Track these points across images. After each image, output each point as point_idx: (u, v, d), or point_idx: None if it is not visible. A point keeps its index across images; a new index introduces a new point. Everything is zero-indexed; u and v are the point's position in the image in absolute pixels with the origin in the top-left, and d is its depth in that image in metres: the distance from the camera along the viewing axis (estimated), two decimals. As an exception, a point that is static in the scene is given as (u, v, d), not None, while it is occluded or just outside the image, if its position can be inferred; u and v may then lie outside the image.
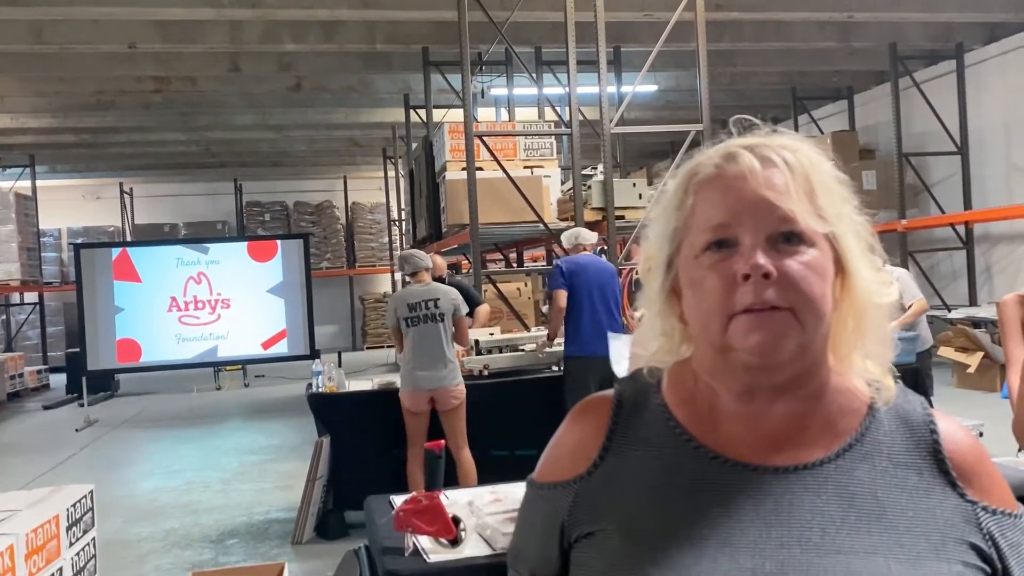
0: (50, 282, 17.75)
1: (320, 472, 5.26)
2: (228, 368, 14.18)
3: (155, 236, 18.42)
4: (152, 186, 19.88)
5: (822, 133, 13.46)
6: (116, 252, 13.80)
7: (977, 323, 9.61)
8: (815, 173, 0.90)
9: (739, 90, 13.57)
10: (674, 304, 0.95)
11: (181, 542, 5.40)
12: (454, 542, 2.10)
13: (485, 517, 2.19)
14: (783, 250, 0.86)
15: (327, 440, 5.33)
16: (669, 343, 0.97)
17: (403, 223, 14.84)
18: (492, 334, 6.56)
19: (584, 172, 8.41)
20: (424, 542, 2.12)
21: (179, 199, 20.02)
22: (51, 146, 15.52)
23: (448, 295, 5.23)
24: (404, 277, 5.56)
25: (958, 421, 0.96)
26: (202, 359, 13.83)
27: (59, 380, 14.55)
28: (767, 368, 0.87)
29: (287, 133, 15.46)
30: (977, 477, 0.92)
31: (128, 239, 18.46)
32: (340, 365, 6.55)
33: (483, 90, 10.91)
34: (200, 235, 18.17)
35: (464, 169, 7.62)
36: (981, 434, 3.51)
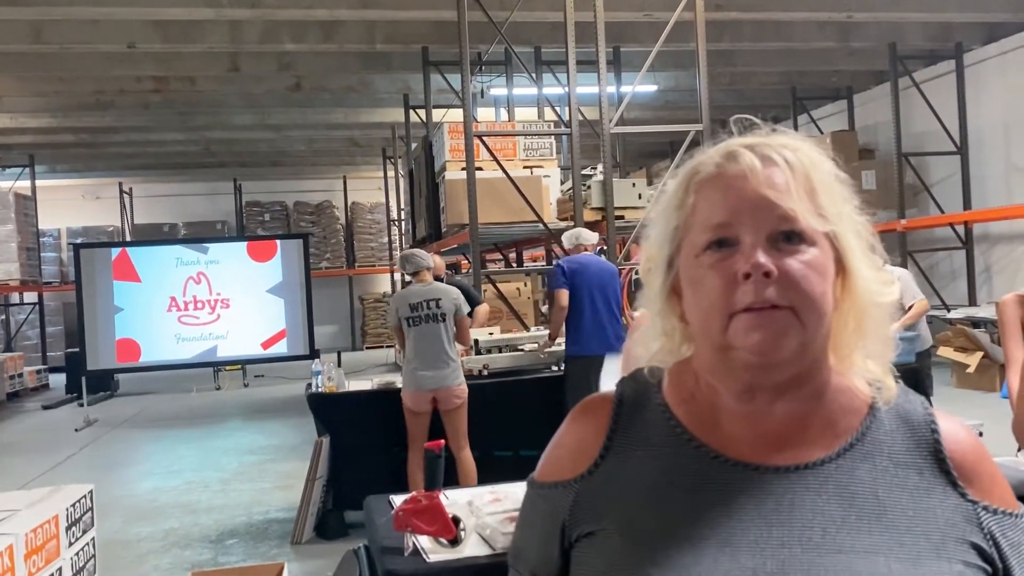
0: (49, 282, 17.74)
1: (320, 472, 5.26)
2: (227, 368, 14.18)
3: (154, 236, 18.41)
4: (151, 186, 19.88)
5: (821, 133, 13.46)
6: (115, 252, 13.79)
7: (976, 323, 9.61)
8: (816, 172, 0.90)
9: (739, 90, 13.57)
10: (675, 303, 0.95)
11: (180, 542, 5.39)
12: (454, 542, 2.10)
13: (485, 517, 2.19)
14: (784, 249, 0.86)
15: (327, 440, 5.33)
16: (670, 343, 0.97)
17: (403, 223, 14.83)
18: (492, 334, 6.56)
19: (584, 172, 8.41)
20: (424, 542, 2.12)
21: (178, 199, 20.01)
22: (50, 146, 15.51)
23: (449, 295, 5.22)
24: (404, 276, 5.56)
25: (959, 420, 0.96)
26: (202, 359, 13.83)
27: (58, 380, 14.54)
28: (768, 367, 0.87)
29: (286, 133, 15.46)
30: (978, 477, 0.92)
31: (127, 239, 18.45)
32: (340, 365, 6.54)
33: (483, 90, 10.91)
34: (199, 235, 18.17)
35: (464, 169, 7.62)
36: (981, 434, 3.51)
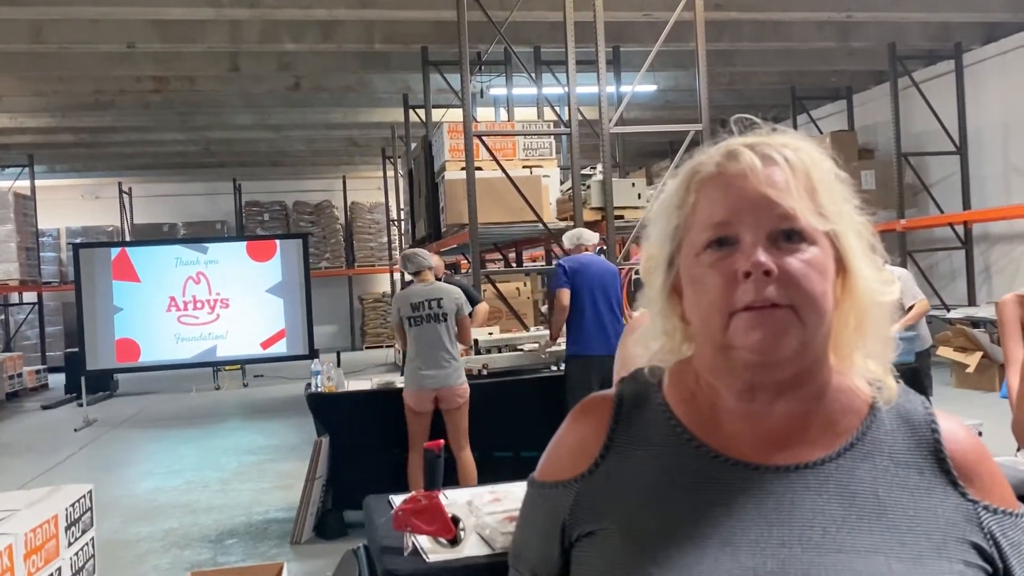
0: (49, 282, 17.73)
1: (319, 472, 5.26)
2: (227, 368, 14.17)
3: (154, 236, 18.40)
4: (151, 186, 19.87)
5: (821, 133, 13.45)
6: (115, 252, 13.78)
7: (976, 323, 9.60)
8: (816, 171, 0.90)
9: (738, 90, 13.57)
10: (675, 303, 0.95)
11: (180, 542, 5.39)
12: (453, 542, 2.09)
13: (484, 517, 2.19)
14: (784, 248, 0.86)
15: (326, 440, 5.32)
16: (670, 342, 0.97)
17: (402, 223, 14.83)
18: (491, 334, 6.56)
19: (583, 172, 8.41)
20: (423, 542, 2.12)
21: (178, 199, 20.00)
22: (50, 146, 15.50)
23: (451, 295, 5.22)
24: (404, 276, 5.56)
25: (960, 420, 0.96)
26: (201, 359, 13.81)
27: (58, 380, 14.53)
28: (768, 366, 0.87)
29: (286, 133, 15.45)
30: (978, 476, 0.92)
31: (127, 239, 18.44)
32: (339, 365, 6.54)
33: (482, 90, 10.90)
34: (199, 235, 18.15)
35: (463, 169, 7.61)
36: (980, 433, 3.51)
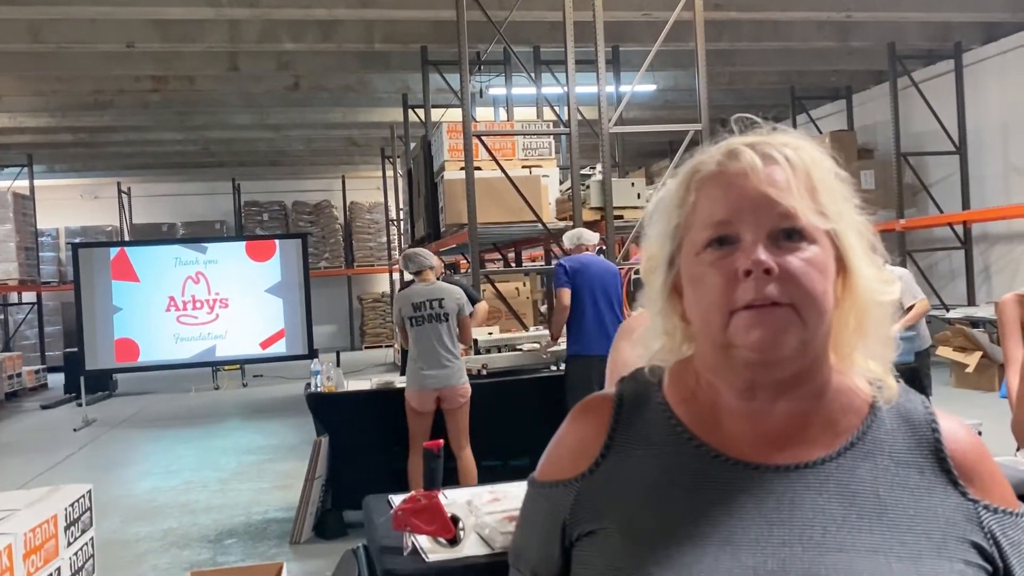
0: (48, 282, 17.72)
1: (319, 472, 5.26)
2: (226, 368, 14.16)
3: (153, 236, 18.39)
4: (150, 185, 19.86)
5: (820, 133, 13.45)
6: (114, 252, 13.78)
7: (975, 323, 9.60)
8: (816, 171, 0.90)
9: (738, 90, 13.56)
10: (675, 302, 0.95)
11: (179, 542, 5.39)
12: (453, 541, 2.09)
13: (484, 516, 2.19)
14: (784, 246, 0.86)
15: (326, 440, 5.32)
16: (671, 342, 0.97)
17: (401, 223, 14.83)
18: (491, 333, 6.56)
19: (583, 172, 8.40)
20: (423, 541, 2.12)
21: (177, 199, 19.99)
22: (49, 145, 15.49)
23: (453, 294, 5.22)
24: (403, 276, 5.56)
25: (960, 419, 0.96)
26: (200, 359, 13.82)
27: (57, 380, 14.52)
28: (768, 364, 0.87)
29: (285, 133, 15.45)
30: (979, 476, 0.92)
31: (126, 239, 18.42)
32: (339, 365, 6.54)
33: (481, 90, 10.90)
34: (198, 235, 18.15)
35: (462, 169, 7.61)
36: (980, 433, 3.51)
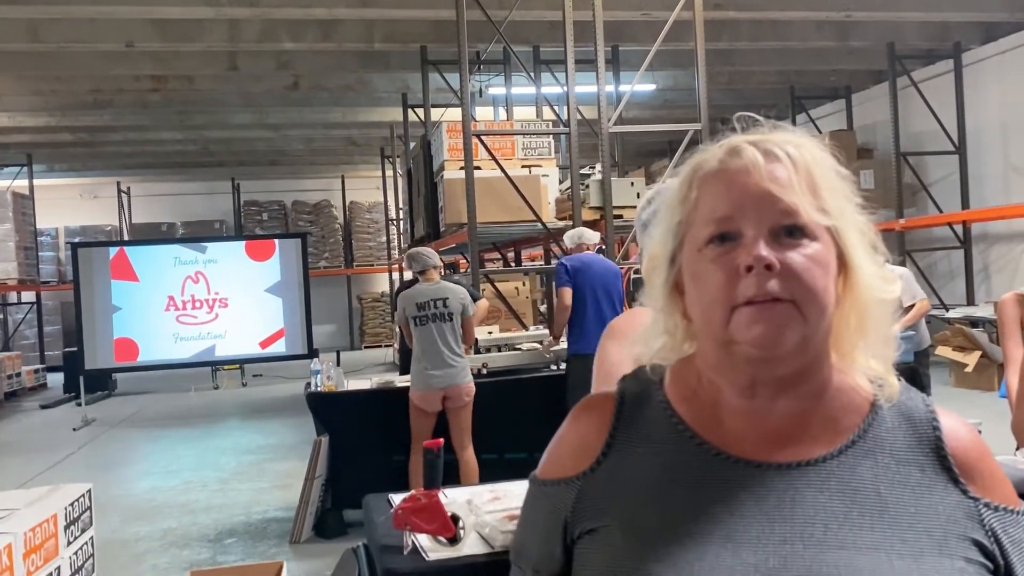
0: (47, 281, 17.71)
1: (319, 471, 5.25)
2: (226, 367, 14.15)
3: (152, 235, 18.40)
4: (149, 185, 19.85)
5: (820, 132, 13.43)
6: (113, 251, 13.77)
7: (975, 322, 9.60)
8: (818, 168, 0.90)
9: (737, 89, 13.56)
10: (677, 300, 0.95)
11: (179, 541, 5.38)
12: (453, 540, 2.09)
13: (484, 515, 2.19)
14: (786, 243, 0.87)
15: (325, 439, 5.32)
16: (672, 340, 0.97)
17: (401, 222, 14.82)
18: (491, 333, 6.57)
19: (582, 171, 8.40)
20: (423, 540, 2.12)
21: (177, 198, 19.98)
22: (48, 145, 15.49)
23: (457, 294, 5.21)
24: (403, 275, 5.56)
25: (961, 418, 0.96)
26: (200, 358, 13.81)
27: (56, 379, 14.51)
28: (769, 361, 0.87)
29: (285, 132, 15.44)
30: (979, 474, 0.92)
31: (125, 238, 18.42)
32: (339, 364, 6.53)
33: (481, 89, 10.90)
34: (198, 234, 18.15)
35: (462, 168, 7.61)
36: (980, 432, 3.51)
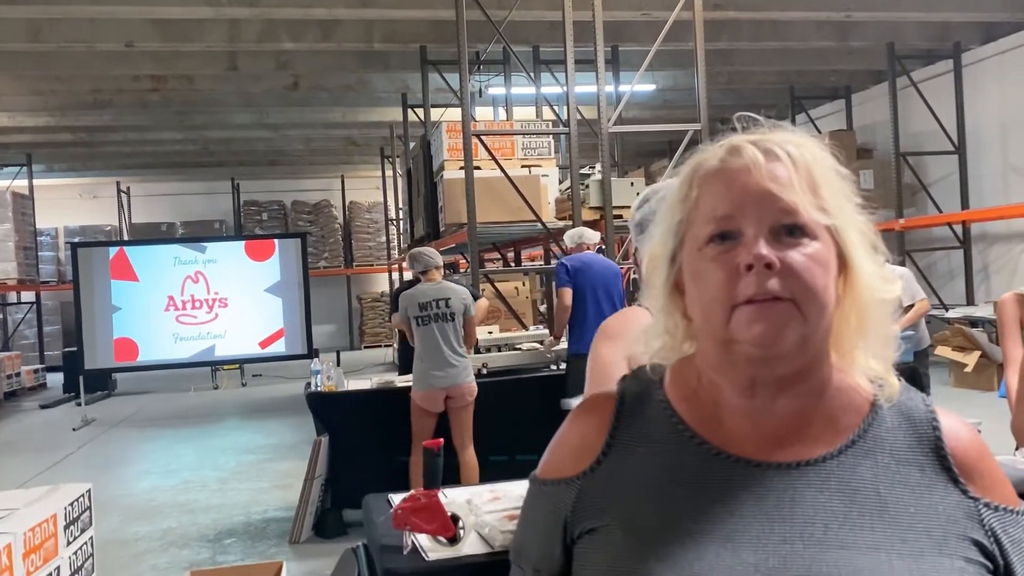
0: (47, 281, 17.71)
1: (318, 471, 5.25)
2: (225, 367, 14.15)
3: (152, 235, 18.40)
4: (149, 185, 19.84)
5: (820, 132, 13.43)
6: (113, 251, 13.77)
7: (974, 322, 9.60)
8: (818, 168, 0.90)
9: (737, 89, 13.56)
10: (677, 300, 0.95)
11: (178, 541, 5.38)
12: (453, 540, 2.09)
13: (484, 515, 2.19)
14: (786, 242, 0.87)
15: (325, 439, 5.32)
16: (672, 340, 0.97)
17: (401, 222, 14.82)
18: (491, 333, 6.57)
19: (582, 171, 8.41)
20: (422, 540, 2.12)
21: (176, 198, 19.98)
22: (48, 145, 15.48)
23: (459, 294, 5.22)
24: (402, 274, 5.56)
25: (961, 418, 0.96)
26: (199, 358, 13.81)
27: (56, 379, 14.51)
28: (769, 359, 0.87)
29: (284, 132, 15.44)
30: (979, 473, 0.92)
31: (125, 238, 18.42)
32: (339, 364, 6.54)
33: (481, 89, 10.89)
34: (197, 234, 18.15)
35: (462, 168, 7.61)
36: (979, 432, 3.51)
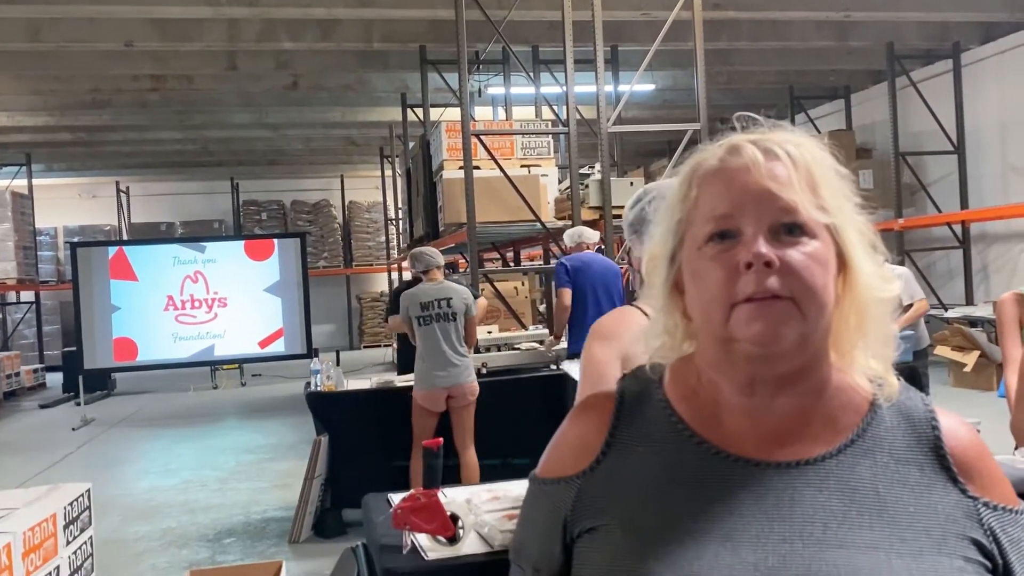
0: (46, 281, 17.70)
1: (318, 471, 5.26)
2: (225, 367, 14.16)
3: (152, 235, 18.39)
4: (149, 185, 19.84)
5: (819, 132, 13.41)
6: (112, 251, 13.77)
7: (974, 322, 9.61)
8: (818, 167, 0.90)
9: (736, 89, 13.56)
10: (677, 299, 0.95)
11: (178, 541, 5.39)
12: (452, 540, 2.09)
13: (483, 515, 2.19)
14: (785, 241, 0.87)
15: (325, 439, 5.32)
16: (671, 340, 0.97)
17: (400, 222, 14.81)
18: (490, 332, 6.57)
19: (581, 171, 8.41)
20: (422, 540, 2.12)
21: (176, 198, 19.98)
22: (47, 144, 15.48)
23: (460, 294, 5.22)
24: (401, 274, 5.56)
25: (960, 417, 0.96)
26: (199, 358, 13.81)
27: (56, 379, 14.51)
28: (769, 358, 0.87)
29: (284, 132, 15.43)
30: (978, 473, 0.92)
31: (124, 238, 18.42)
32: (338, 364, 6.54)
33: (480, 89, 10.89)
34: (197, 234, 18.15)
35: (461, 168, 7.61)
36: (978, 431, 3.51)
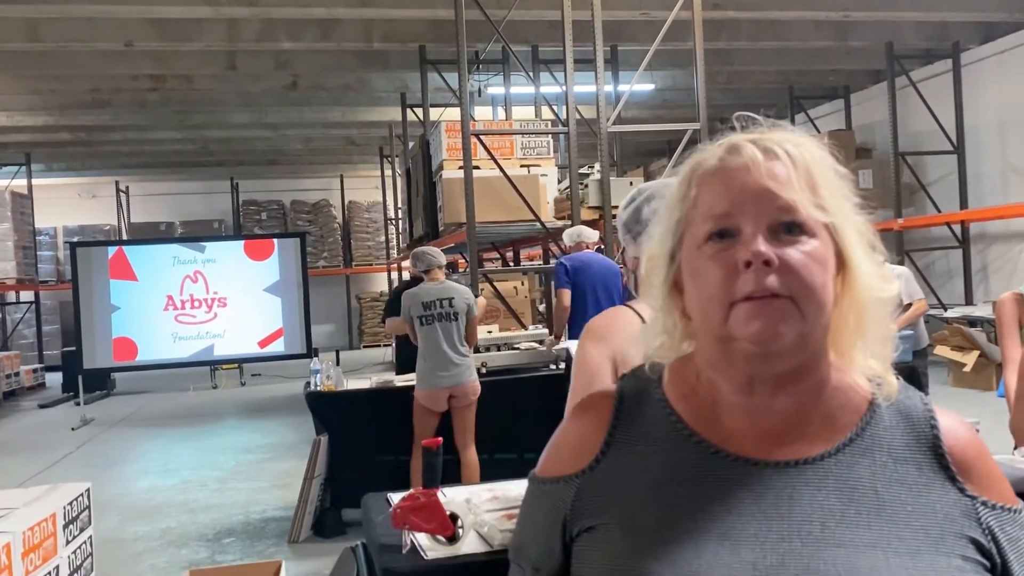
0: (46, 281, 17.70)
1: (317, 470, 5.26)
2: (224, 367, 14.16)
3: (151, 235, 18.40)
4: (148, 184, 19.83)
5: (818, 132, 13.41)
6: (112, 251, 13.76)
7: (973, 322, 9.61)
8: (817, 167, 0.90)
9: (736, 89, 13.56)
10: (676, 299, 0.95)
11: (177, 541, 5.39)
12: (452, 539, 2.09)
13: (483, 514, 2.19)
14: (784, 239, 0.87)
15: (325, 439, 5.33)
16: (671, 339, 0.97)
17: (400, 222, 14.81)
18: (490, 332, 6.57)
19: (581, 171, 8.41)
20: (421, 539, 2.12)
21: (175, 198, 19.98)
22: (47, 144, 15.47)
23: (462, 294, 5.23)
24: (401, 273, 5.57)
25: (959, 416, 0.96)
26: (198, 358, 13.80)
27: (55, 379, 14.52)
28: (768, 357, 0.87)
29: (284, 132, 15.42)
30: (977, 472, 0.92)
31: (124, 238, 18.42)
32: (338, 363, 6.54)
33: (480, 89, 10.89)
34: (196, 234, 18.15)
35: (461, 168, 7.61)
36: (977, 431, 3.51)
